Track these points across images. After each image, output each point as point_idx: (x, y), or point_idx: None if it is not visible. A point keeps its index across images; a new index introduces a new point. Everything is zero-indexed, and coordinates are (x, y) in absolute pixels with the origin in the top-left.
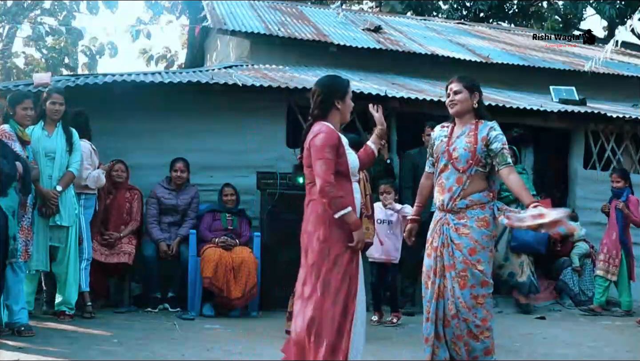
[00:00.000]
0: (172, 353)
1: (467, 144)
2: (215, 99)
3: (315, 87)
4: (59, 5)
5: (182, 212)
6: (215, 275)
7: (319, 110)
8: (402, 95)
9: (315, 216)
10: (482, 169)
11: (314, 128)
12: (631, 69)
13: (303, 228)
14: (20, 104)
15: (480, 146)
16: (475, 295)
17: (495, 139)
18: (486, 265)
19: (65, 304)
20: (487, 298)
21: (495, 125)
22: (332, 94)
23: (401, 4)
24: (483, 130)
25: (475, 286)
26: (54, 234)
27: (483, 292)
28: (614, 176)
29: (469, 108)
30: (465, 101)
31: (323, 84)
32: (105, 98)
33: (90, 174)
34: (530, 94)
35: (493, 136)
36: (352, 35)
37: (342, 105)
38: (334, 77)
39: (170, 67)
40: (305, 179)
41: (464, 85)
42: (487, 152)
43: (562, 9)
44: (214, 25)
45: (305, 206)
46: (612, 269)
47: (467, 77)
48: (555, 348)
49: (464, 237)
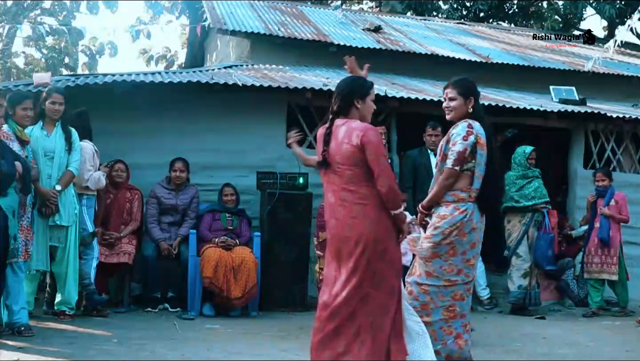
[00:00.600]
0: (172, 353)
1: (442, 142)
2: (215, 99)
3: (338, 85)
4: (59, 5)
5: (182, 212)
6: (215, 275)
7: (338, 107)
8: (402, 95)
9: (370, 220)
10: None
11: (352, 124)
12: (631, 68)
13: (342, 231)
14: (20, 104)
15: (445, 143)
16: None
17: (451, 137)
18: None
19: (65, 304)
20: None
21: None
22: (352, 93)
23: (401, 4)
24: (453, 128)
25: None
26: (53, 234)
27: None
28: (599, 175)
29: (464, 114)
30: (459, 107)
31: (345, 82)
32: (105, 98)
33: (91, 175)
34: (530, 94)
35: (452, 133)
36: (352, 35)
37: (361, 105)
38: (356, 78)
39: (170, 67)
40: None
41: (458, 92)
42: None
43: (562, 8)
44: (213, 25)
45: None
46: (611, 268)
47: (463, 81)
48: (555, 347)
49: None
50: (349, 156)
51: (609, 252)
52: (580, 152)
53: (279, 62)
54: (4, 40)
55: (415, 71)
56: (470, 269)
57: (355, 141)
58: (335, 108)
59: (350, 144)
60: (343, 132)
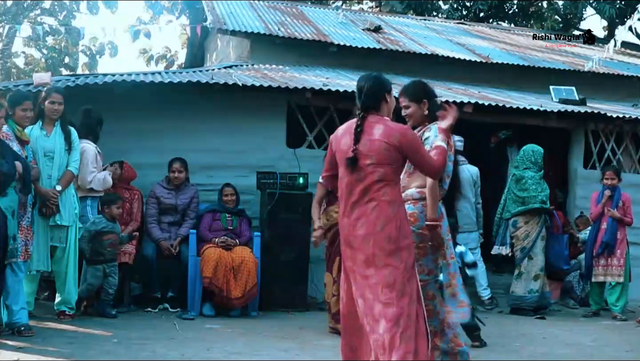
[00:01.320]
0: (172, 353)
1: None
2: (215, 99)
3: (364, 81)
4: (59, 5)
5: (182, 212)
6: (215, 275)
7: (371, 101)
8: None
9: (385, 217)
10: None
11: (389, 124)
12: (631, 68)
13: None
14: (20, 105)
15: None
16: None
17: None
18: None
19: (65, 304)
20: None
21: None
22: (383, 88)
23: (401, 4)
24: (425, 132)
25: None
26: (54, 234)
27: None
28: (609, 173)
29: (422, 117)
30: (415, 113)
31: (371, 78)
32: (105, 98)
33: (95, 176)
34: (530, 93)
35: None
36: (352, 35)
37: (390, 99)
38: (379, 74)
39: (170, 67)
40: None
41: (410, 99)
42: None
43: (562, 8)
44: (214, 25)
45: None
46: (616, 270)
47: (412, 87)
48: (555, 347)
49: None
50: (385, 155)
51: (614, 254)
52: (580, 152)
53: (279, 62)
54: (4, 40)
55: (415, 71)
56: (438, 268)
57: (396, 141)
58: (368, 103)
59: (390, 143)
60: (381, 131)
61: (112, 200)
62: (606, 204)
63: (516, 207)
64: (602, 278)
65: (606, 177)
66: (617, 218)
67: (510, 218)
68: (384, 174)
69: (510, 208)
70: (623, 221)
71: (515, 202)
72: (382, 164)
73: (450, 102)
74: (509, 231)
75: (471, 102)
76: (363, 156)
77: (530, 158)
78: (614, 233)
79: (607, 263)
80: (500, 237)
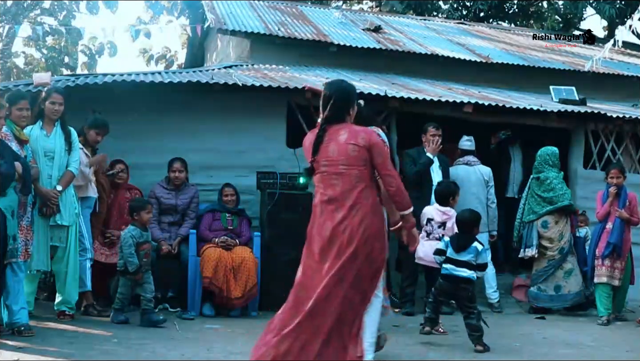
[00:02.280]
0: (171, 353)
1: None
2: (215, 99)
3: (331, 92)
4: (59, 5)
5: (182, 212)
6: (215, 275)
7: (337, 115)
8: (402, 95)
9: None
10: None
11: (353, 127)
12: (631, 68)
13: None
14: (15, 104)
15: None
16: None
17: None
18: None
19: (65, 304)
20: None
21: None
22: (350, 102)
23: (401, 4)
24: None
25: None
26: (54, 234)
27: None
28: (615, 171)
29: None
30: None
31: (341, 89)
32: (105, 98)
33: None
34: (530, 93)
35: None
36: (352, 35)
37: (353, 111)
38: (349, 84)
39: (170, 67)
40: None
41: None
42: None
43: (562, 8)
44: (214, 25)
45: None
46: (617, 273)
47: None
48: (555, 347)
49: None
50: (356, 157)
51: (618, 256)
52: (580, 152)
53: (279, 62)
54: (4, 40)
55: (415, 70)
56: None
57: (363, 143)
58: (334, 117)
59: (358, 145)
60: (346, 135)
61: (142, 206)
62: (613, 203)
63: (542, 208)
64: (605, 280)
65: (611, 176)
66: (626, 218)
67: (537, 219)
68: (359, 176)
69: (537, 209)
70: (630, 222)
71: (539, 203)
72: (357, 166)
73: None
74: (534, 233)
75: (471, 102)
76: (335, 162)
77: (548, 161)
78: (621, 234)
79: (612, 265)
80: (525, 239)
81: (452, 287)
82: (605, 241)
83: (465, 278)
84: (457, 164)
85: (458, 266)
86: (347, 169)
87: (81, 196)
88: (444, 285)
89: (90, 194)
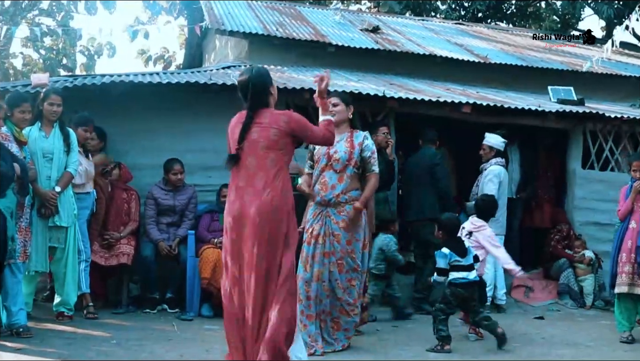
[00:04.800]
0: (170, 354)
1: (346, 148)
2: (214, 100)
3: (247, 79)
4: (57, 5)
5: (180, 213)
6: (214, 276)
7: (259, 101)
8: (400, 95)
9: (279, 199)
10: (357, 170)
11: (274, 112)
12: (629, 69)
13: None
14: (18, 107)
15: (357, 150)
16: (350, 278)
17: (367, 148)
18: (358, 254)
19: (64, 305)
20: (357, 281)
21: (368, 135)
22: (266, 84)
23: (399, 4)
24: (358, 137)
25: (350, 272)
26: (53, 234)
27: (355, 276)
28: (637, 163)
29: (345, 118)
30: (342, 112)
31: (254, 74)
32: (103, 99)
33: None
34: (528, 94)
35: (366, 144)
36: (350, 35)
37: (274, 91)
38: (259, 69)
39: (168, 68)
40: (272, 164)
41: (342, 99)
42: (360, 157)
43: (560, 9)
44: (212, 26)
45: (260, 191)
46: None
47: (345, 94)
48: (554, 348)
49: (343, 230)
50: (277, 140)
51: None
52: (579, 152)
53: (277, 62)
54: (2, 41)
55: (413, 71)
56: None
57: (284, 125)
58: (257, 104)
59: (279, 128)
60: (269, 118)
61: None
62: (637, 199)
63: None
64: (625, 289)
65: (634, 169)
66: None
67: None
68: (275, 159)
69: None
70: None
71: None
72: (275, 150)
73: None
74: None
75: (469, 103)
76: (255, 143)
77: None
78: None
79: (633, 271)
80: None
81: (467, 292)
82: (628, 242)
83: (477, 280)
84: (495, 165)
85: (469, 270)
86: (267, 152)
87: (78, 192)
88: (459, 293)
89: (87, 189)
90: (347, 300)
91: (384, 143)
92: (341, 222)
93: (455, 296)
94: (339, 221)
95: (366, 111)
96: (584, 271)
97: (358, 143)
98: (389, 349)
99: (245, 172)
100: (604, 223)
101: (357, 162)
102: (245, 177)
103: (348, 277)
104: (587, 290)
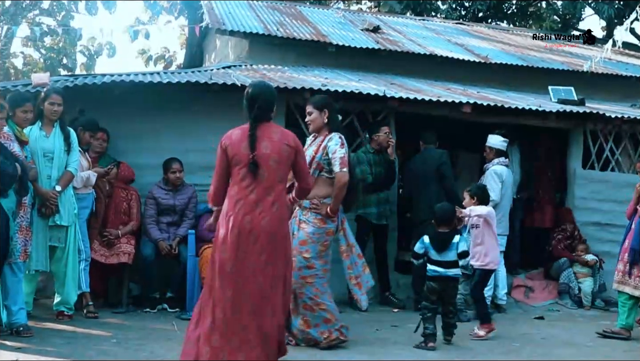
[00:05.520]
0: (170, 353)
1: (311, 152)
2: (214, 99)
3: (257, 93)
4: (58, 5)
5: (180, 212)
6: None
7: (265, 114)
8: (400, 95)
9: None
10: (327, 174)
11: (282, 128)
12: (630, 69)
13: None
14: (20, 107)
15: (321, 154)
16: (304, 276)
17: (328, 149)
18: (314, 254)
19: (64, 304)
20: (315, 278)
21: (335, 136)
22: (273, 101)
23: (400, 4)
24: (325, 140)
25: (302, 269)
26: (53, 234)
27: (310, 273)
28: None
29: (321, 125)
30: (316, 119)
31: (264, 90)
32: (103, 98)
33: (79, 174)
34: (529, 94)
35: (327, 145)
36: (350, 35)
37: (275, 108)
38: (269, 85)
39: (168, 67)
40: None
41: (314, 106)
42: (325, 159)
43: (560, 9)
44: (212, 26)
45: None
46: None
47: (317, 97)
48: (554, 348)
49: (301, 230)
50: (287, 156)
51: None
52: (579, 152)
53: (278, 62)
54: (3, 40)
55: (413, 71)
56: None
57: (293, 144)
58: (262, 117)
59: (289, 145)
60: (279, 134)
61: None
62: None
63: None
64: (629, 290)
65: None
66: None
67: None
68: (283, 175)
69: None
70: None
71: None
72: (284, 165)
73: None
74: None
75: (470, 103)
76: (266, 157)
77: None
78: None
79: (624, 269)
80: None
81: (441, 287)
82: (626, 242)
83: (454, 276)
84: (497, 164)
85: (444, 267)
86: (277, 166)
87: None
88: (432, 286)
89: (88, 189)
90: (306, 295)
91: (385, 143)
92: (303, 223)
93: (430, 290)
94: (301, 222)
95: (367, 111)
96: (583, 274)
97: (322, 147)
98: (389, 349)
99: (256, 185)
100: (604, 223)
101: (320, 164)
102: (256, 191)
103: (301, 274)
104: (586, 291)
